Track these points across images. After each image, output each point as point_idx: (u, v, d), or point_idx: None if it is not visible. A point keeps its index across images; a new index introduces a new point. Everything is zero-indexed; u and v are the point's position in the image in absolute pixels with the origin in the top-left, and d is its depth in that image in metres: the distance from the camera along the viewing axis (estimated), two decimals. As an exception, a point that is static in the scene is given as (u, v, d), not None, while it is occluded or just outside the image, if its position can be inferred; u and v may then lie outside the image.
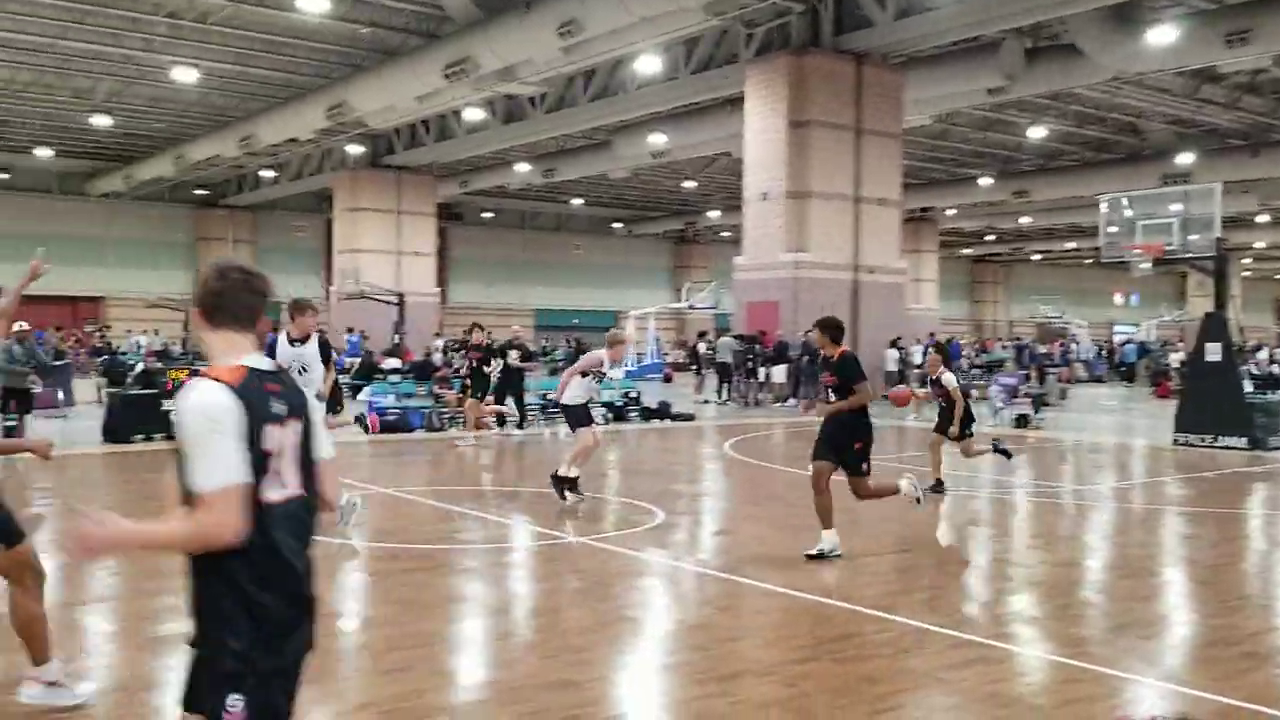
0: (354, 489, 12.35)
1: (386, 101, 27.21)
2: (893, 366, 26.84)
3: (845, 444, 8.44)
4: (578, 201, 51.50)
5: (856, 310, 25.36)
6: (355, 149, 35.89)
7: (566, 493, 10.85)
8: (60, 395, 18.51)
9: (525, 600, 7.72)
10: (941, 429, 12.24)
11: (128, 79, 29.11)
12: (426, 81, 24.74)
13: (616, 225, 57.44)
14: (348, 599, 7.68)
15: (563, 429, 11.60)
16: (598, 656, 6.18)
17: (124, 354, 33.62)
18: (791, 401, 25.18)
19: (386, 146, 36.60)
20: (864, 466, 8.47)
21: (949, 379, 12.08)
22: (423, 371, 24.09)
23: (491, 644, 6.59)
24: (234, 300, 2.90)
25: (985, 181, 41.01)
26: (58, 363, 20.98)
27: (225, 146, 33.62)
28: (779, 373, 25.50)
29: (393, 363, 28.42)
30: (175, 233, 46.97)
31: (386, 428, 18.66)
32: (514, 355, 18.63)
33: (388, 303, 34.26)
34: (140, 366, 20.44)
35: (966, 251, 64.76)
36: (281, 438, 2.84)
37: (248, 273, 2.94)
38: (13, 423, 15.03)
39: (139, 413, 16.97)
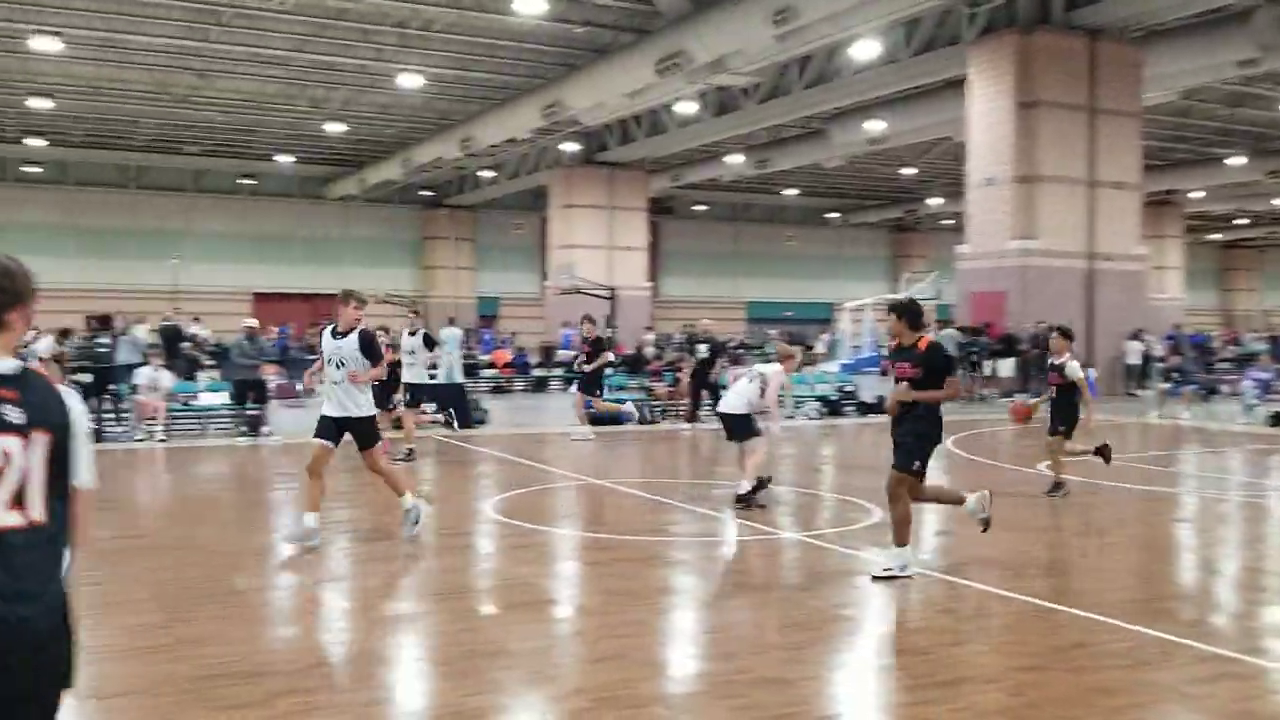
0: (567, 480, 12.56)
1: (599, 99, 27.64)
2: (1135, 360, 25.22)
3: (922, 447, 7.55)
4: (791, 192, 50.95)
5: (1091, 300, 23.95)
6: (570, 147, 36.67)
7: (757, 499, 10.45)
8: (299, 387, 19.62)
9: (737, 595, 7.59)
10: (1056, 428, 11.11)
11: (360, 88, 30.73)
12: (638, 77, 24.96)
13: (831, 215, 56.50)
14: (562, 587, 7.78)
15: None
16: (811, 655, 5.99)
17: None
18: (1020, 396, 24.05)
19: (600, 143, 37.23)
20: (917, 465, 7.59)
21: (1073, 367, 11.04)
22: (634, 365, 24.37)
23: (702, 637, 6.51)
24: None
25: (1235, 161, 38.03)
26: (311, 356, 22.24)
27: (448, 149, 35.01)
28: (1006, 366, 24.36)
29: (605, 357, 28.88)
30: (403, 232, 49.39)
31: (599, 421, 18.91)
32: (703, 349, 18.56)
33: (600, 297, 34.87)
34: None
35: (1215, 237, 60.25)
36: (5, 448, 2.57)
37: None
38: (255, 411, 16.08)
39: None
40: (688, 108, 30.72)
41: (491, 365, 29.72)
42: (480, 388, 25.68)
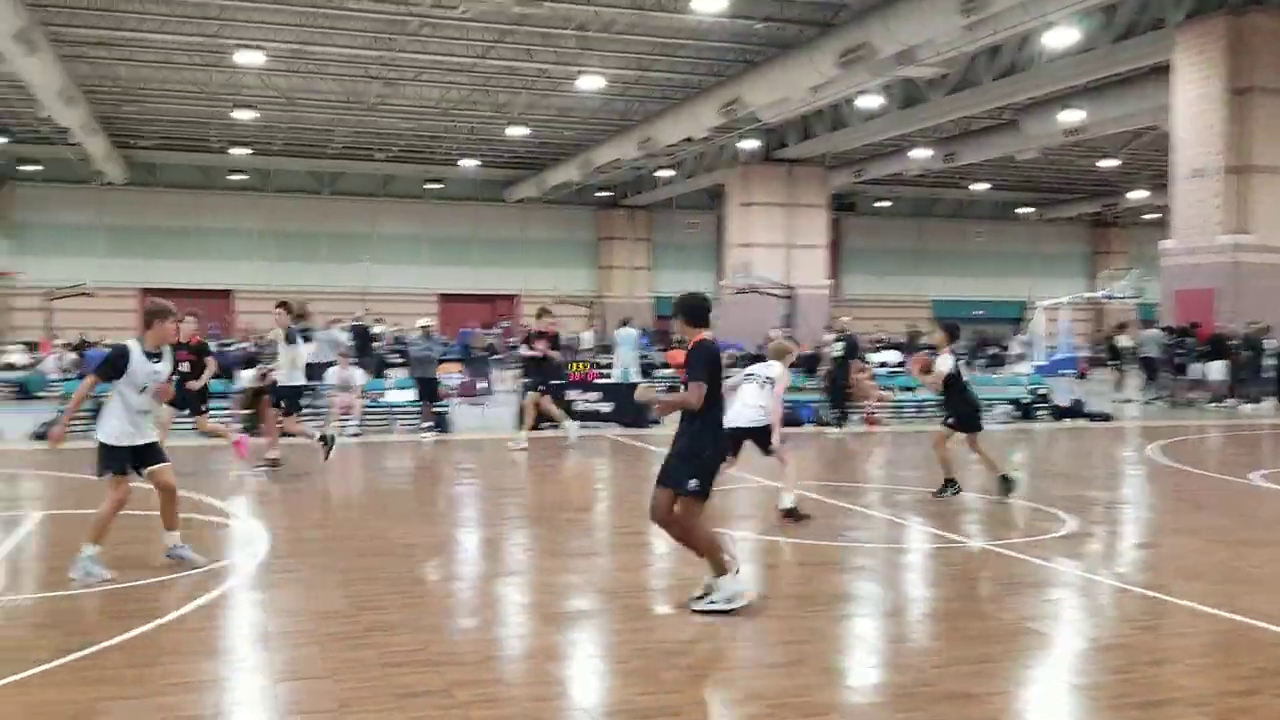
0: (743, 481, 12.43)
1: (780, 94, 27.34)
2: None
3: (690, 463, 6.64)
4: (980, 186, 49.24)
5: (1314, 299, 22.27)
6: (748, 144, 36.45)
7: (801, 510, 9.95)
8: (482, 385, 20.19)
9: (920, 604, 7.30)
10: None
11: (541, 91, 31.36)
12: (820, 71, 24.55)
13: (1024, 210, 54.27)
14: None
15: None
16: (999, 670, 5.70)
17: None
18: (1231, 401, 22.52)
19: (779, 140, 36.87)
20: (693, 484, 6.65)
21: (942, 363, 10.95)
22: (811, 365, 23.93)
23: (884, 646, 6.28)
24: None
25: None
26: (494, 355, 22.88)
27: (626, 149, 35.34)
28: (1216, 369, 22.82)
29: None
30: (580, 233, 50.20)
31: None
32: (838, 347, 18.01)
33: (778, 296, 34.51)
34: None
35: None
36: None
37: None
38: (443, 409, 16.54)
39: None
40: (871, 101, 30.05)
41: (666, 365, 29.80)
42: (656, 387, 25.73)
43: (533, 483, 12.39)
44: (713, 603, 6.59)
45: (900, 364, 25.53)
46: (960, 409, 11.04)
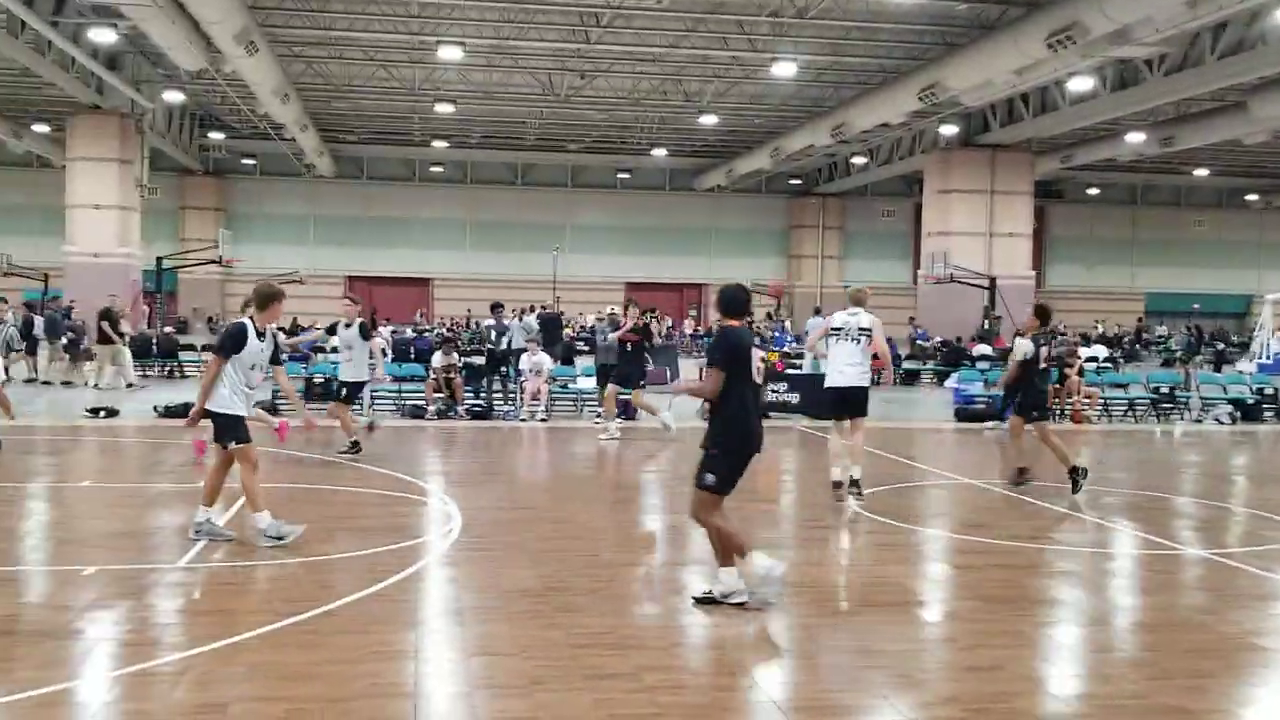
0: (938, 477, 12.06)
1: (982, 78, 26.30)
2: None
3: (714, 458, 6.50)
4: (1201, 172, 46.16)
5: None
6: (948, 129, 35.28)
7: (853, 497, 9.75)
8: (668, 374, 20.21)
9: (1129, 612, 6.88)
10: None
11: (733, 79, 31.22)
12: (1027, 53, 23.46)
13: (1251, 197, 50.59)
14: (931, 589, 7.42)
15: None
16: (1218, 686, 5.32)
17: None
18: None
19: (981, 124, 35.53)
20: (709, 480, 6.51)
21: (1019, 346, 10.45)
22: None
23: (1089, 655, 5.94)
24: None
25: None
26: (666, 343, 23.01)
27: (818, 136, 34.78)
28: None
29: (983, 349, 27.50)
30: (770, 221, 49.74)
31: (971, 416, 18.04)
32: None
33: (978, 286, 33.31)
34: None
35: None
36: None
37: None
38: (626, 395, 16.66)
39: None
40: (1082, 84, 28.54)
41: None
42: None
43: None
44: (709, 593, 6.47)
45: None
46: (1026, 397, 10.63)
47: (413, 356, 22.44)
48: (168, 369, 24.19)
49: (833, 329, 9.82)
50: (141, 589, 6.55)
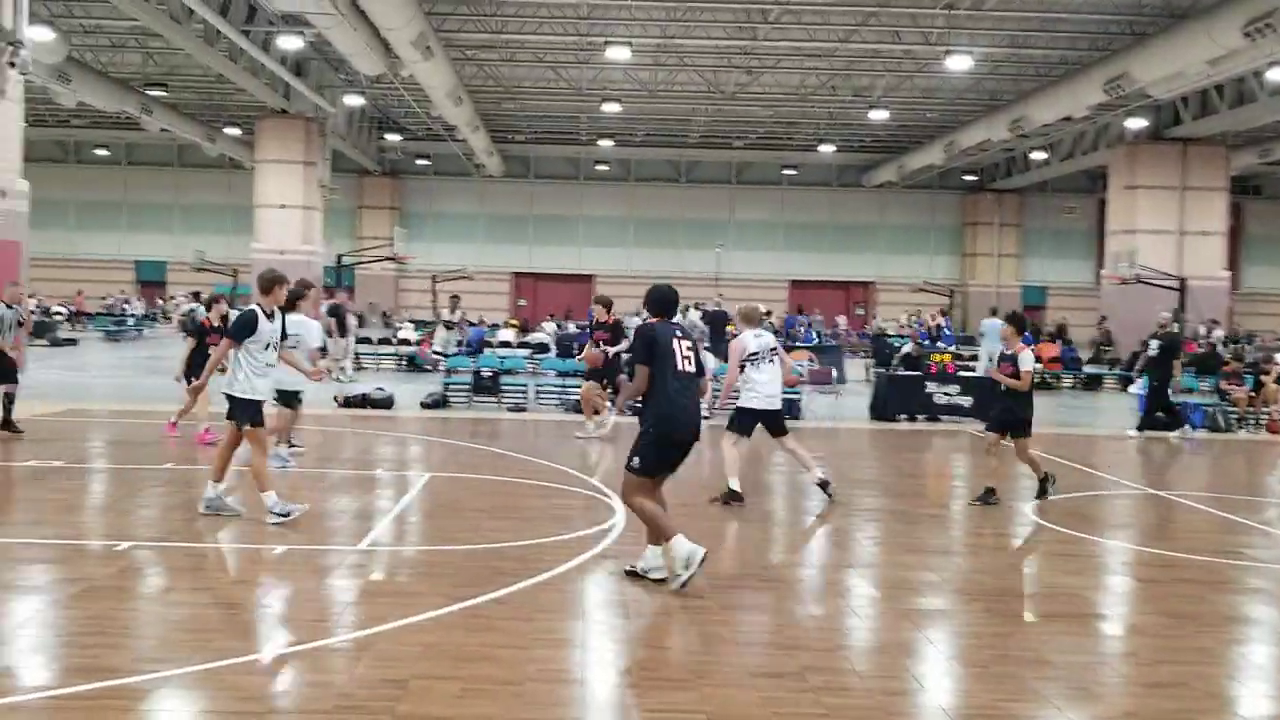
0: (1120, 487, 11.55)
1: (1172, 69, 24.96)
2: None
3: (642, 444, 6.77)
4: None
5: None
6: (1135, 123, 33.62)
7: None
8: (834, 373, 19.98)
9: (1333, 635, 6.43)
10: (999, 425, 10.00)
11: (904, 73, 30.55)
12: (1221, 42, 22.14)
13: None
14: (1111, 602, 7.12)
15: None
16: None
17: (891, 336, 35.54)
18: None
19: (1171, 116, 33.73)
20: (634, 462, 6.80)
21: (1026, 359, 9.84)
22: (1205, 366, 21.82)
23: (1287, 679, 5.58)
24: None
25: None
26: (830, 344, 22.79)
27: (995, 130, 33.68)
28: None
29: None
30: (942, 218, 48.38)
31: (1157, 424, 17.15)
32: (1153, 346, 15.92)
33: (1166, 288, 31.65)
34: (906, 349, 21.30)
35: None
36: None
37: None
38: (794, 396, 16.56)
39: (903, 393, 17.66)
40: (1280, 74, 26.81)
41: (1036, 359, 28.14)
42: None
43: (887, 475, 12.12)
44: (633, 566, 6.81)
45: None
46: (1007, 410, 9.97)
47: (576, 353, 22.83)
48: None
49: (750, 354, 9.79)
50: (325, 569, 6.87)
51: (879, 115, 34.53)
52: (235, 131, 40.64)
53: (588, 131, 42.49)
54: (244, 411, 8.13)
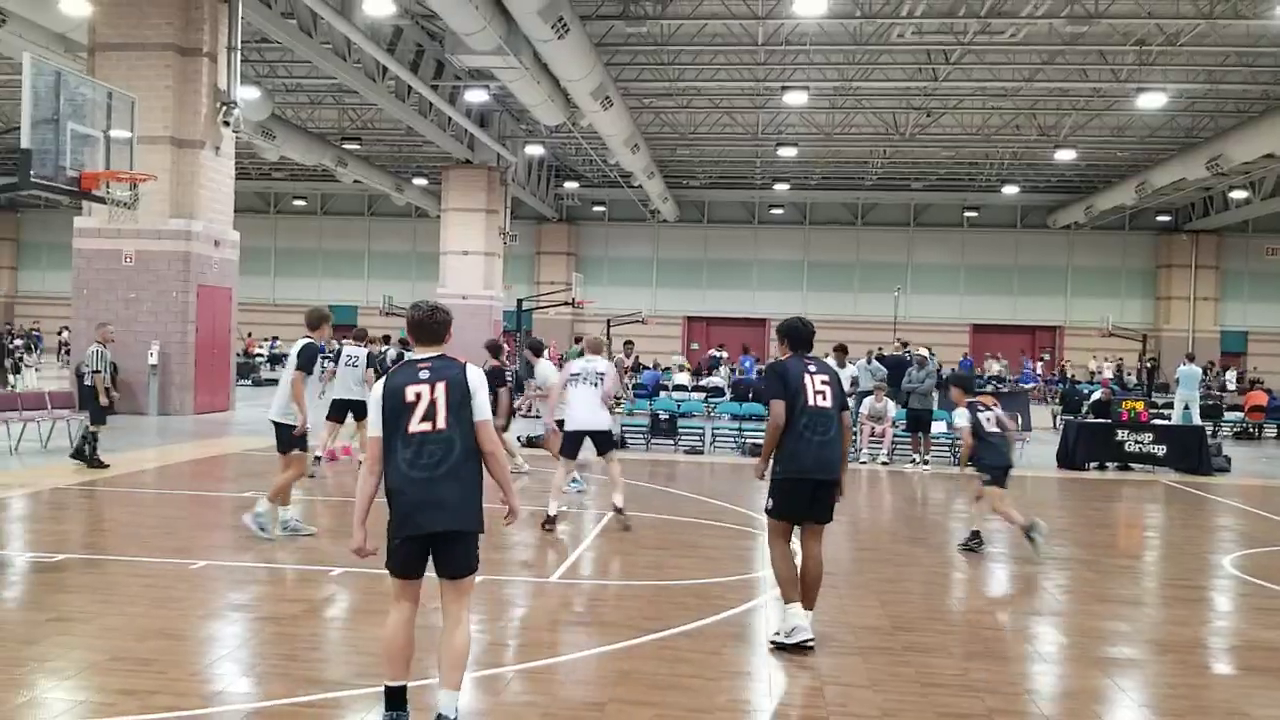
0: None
1: (1385, 100, 23.58)
2: None
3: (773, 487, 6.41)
4: None
5: None
6: (1339, 159, 31.74)
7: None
8: (1019, 419, 19.45)
9: None
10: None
11: (1093, 111, 29.72)
12: None
13: None
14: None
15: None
16: None
17: (1080, 383, 34.26)
18: None
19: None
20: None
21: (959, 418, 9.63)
22: None
23: None
24: None
25: None
26: (1026, 387, 22.10)
27: (1190, 169, 32.31)
28: None
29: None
30: (1133, 260, 46.44)
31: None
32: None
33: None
34: (1096, 395, 20.60)
35: None
36: None
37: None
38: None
39: (1092, 441, 17.09)
40: None
41: (1237, 408, 26.65)
42: (1222, 432, 23.46)
43: (1077, 524, 11.78)
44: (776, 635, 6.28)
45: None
46: (986, 458, 9.41)
47: (751, 396, 22.94)
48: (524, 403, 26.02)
49: (572, 374, 10.22)
50: (521, 598, 7.23)
51: (1066, 155, 33.65)
52: (422, 181, 42.74)
53: (763, 175, 42.83)
54: (289, 438, 8.85)
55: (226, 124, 20.40)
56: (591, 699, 5.18)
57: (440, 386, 4.58)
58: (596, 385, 10.10)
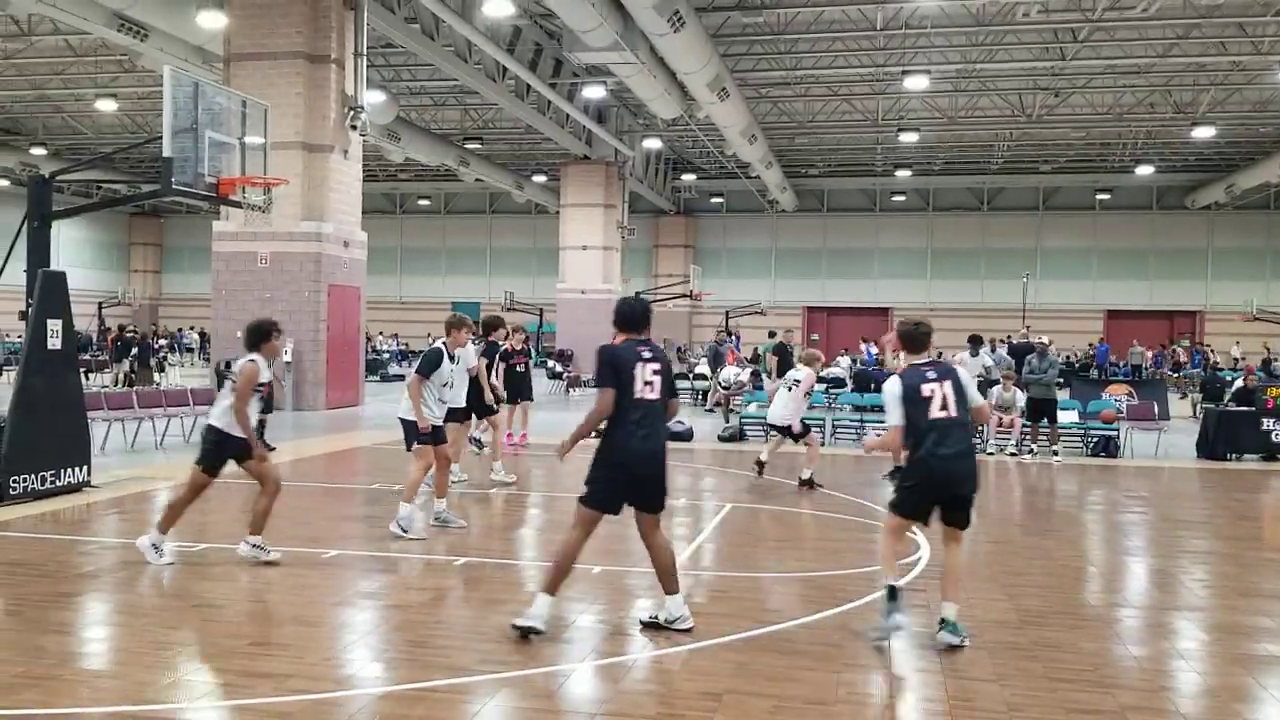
0: None
1: None
2: None
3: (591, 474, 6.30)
4: None
5: None
6: None
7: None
8: (1155, 409, 18.75)
9: None
10: None
11: (1232, 86, 28.42)
12: None
13: None
14: None
15: None
16: None
17: (1221, 370, 32.76)
18: None
19: None
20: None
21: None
22: None
23: None
24: None
25: None
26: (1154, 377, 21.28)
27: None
28: None
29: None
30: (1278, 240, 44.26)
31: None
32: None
33: None
34: (1238, 383, 19.70)
35: None
36: None
37: None
38: (1111, 433, 15.71)
39: (1233, 430, 16.41)
40: None
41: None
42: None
43: (1218, 516, 11.31)
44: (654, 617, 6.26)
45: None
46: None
47: (872, 387, 22.62)
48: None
49: (780, 381, 12.07)
50: (639, 589, 7.28)
51: (1204, 132, 32.25)
52: (541, 178, 43.32)
53: (883, 162, 42.14)
54: (414, 434, 8.91)
55: (354, 128, 21.02)
56: (709, 689, 5.19)
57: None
58: (791, 390, 12.37)
